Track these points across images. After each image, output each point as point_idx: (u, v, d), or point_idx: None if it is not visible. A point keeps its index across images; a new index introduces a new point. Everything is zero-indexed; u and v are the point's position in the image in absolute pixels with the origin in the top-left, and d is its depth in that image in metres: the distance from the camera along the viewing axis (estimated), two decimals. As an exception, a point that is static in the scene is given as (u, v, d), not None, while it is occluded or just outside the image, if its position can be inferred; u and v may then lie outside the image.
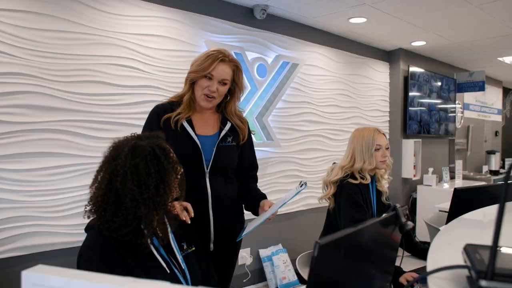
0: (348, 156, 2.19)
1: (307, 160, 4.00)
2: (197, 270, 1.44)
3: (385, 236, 0.98)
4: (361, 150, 2.14)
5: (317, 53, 4.07)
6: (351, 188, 2.08)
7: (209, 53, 1.72)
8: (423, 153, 5.16)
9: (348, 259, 0.74)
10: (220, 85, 1.73)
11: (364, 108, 4.65)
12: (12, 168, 2.22)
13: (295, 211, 3.87)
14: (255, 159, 1.98)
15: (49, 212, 2.34)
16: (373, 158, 2.13)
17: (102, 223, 1.23)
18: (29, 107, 2.26)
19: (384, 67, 4.94)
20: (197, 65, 1.72)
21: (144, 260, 1.26)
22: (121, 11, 2.64)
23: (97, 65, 2.52)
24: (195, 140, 1.71)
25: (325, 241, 0.63)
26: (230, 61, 1.74)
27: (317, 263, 0.62)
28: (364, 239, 0.82)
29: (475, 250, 0.60)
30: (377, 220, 0.87)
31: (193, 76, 1.73)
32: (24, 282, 0.54)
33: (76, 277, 0.53)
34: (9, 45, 2.19)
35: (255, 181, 1.97)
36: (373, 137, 2.15)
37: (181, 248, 1.43)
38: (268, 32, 3.57)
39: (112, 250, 1.19)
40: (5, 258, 2.21)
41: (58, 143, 2.37)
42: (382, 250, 0.98)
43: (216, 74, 1.70)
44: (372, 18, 3.69)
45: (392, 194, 4.96)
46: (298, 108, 3.89)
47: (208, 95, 1.72)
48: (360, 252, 0.81)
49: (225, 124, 1.81)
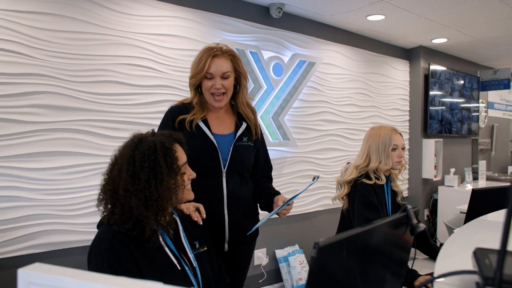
0: (363, 156, 2.15)
1: (324, 160, 3.95)
2: (208, 270, 1.43)
3: (395, 238, 0.95)
4: (377, 149, 2.09)
5: (335, 51, 4.01)
6: (365, 189, 2.04)
7: (201, 53, 1.70)
8: (445, 153, 5.04)
9: (352, 261, 0.71)
10: (223, 80, 1.69)
11: (383, 107, 4.57)
12: (30, 167, 2.26)
13: (312, 211, 3.84)
14: (269, 160, 1.97)
15: (66, 210, 2.37)
16: (389, 158, 2.08)
17: (107, 217, 1.25)
18: (46, 107, 2.30)
19: (403, 66, 4.84)
20: (193, 69, 1.71)
21: (154, 257, 1.26)
22: (136, 12, 2.66)
23: (113, 65, 2.55)
24: (212, 139, 1.70)
25: (325, 242, 0.61)
26: (223, 52, 1.70)
27: (317, 265, 0.60)
28: (371, 241, 0.79)
29: (485, 255, 0.57)
30: (385, 221, 0.84)
31: (193, 81, 1.72)
32: (20, 280, 0.54)
33: (71, 276, 0.53)
34: (26, 46, 2.23)
35: (270, 181, 1.95)
36: (390, 137, 2.10)
37: (193, 246, 1.43)
38: (284, 30, 3.54)
39: (121, 246, 1.20)
40: (23, 256, 2.25)
41: (74, 143, 2.41)
42: (392, 252, 0.94)
43: (214, 70, 1.67)
44: (391, 15, 3.62)
45: (412, 195, 4.87)
46: (315, 108, 3.85)
47: (216, 93, 1.70)
48: (366, 253, 0.78)
49: (241, 124, 1.79)
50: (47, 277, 0.54)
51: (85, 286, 0.52)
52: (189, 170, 1.37)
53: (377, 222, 0.81)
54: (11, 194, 2.21)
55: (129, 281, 0.55)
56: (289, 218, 3.64)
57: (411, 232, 0.96)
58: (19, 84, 2.22)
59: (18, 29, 2.20)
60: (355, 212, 2.05)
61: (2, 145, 2.17)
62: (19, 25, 2.21)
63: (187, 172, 1.36)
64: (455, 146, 5.43)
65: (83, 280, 0.53)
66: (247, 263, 1.93)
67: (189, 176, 1.36)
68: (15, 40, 2.19)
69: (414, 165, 4.88)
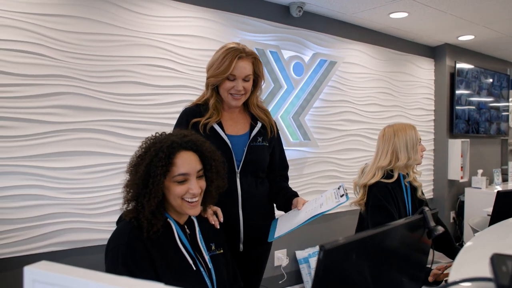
0: (386, 155, 2.07)
1: (346, 160, 3.90)
2: (223, 272, 1.42)
3: (412, 240, 0.91)
4: (406, 146, 2.04)
5: (357, 50, 3.95)
6: (380, 190, 1.99)
7: (225, 53, 1.66)
8: (472, 154, 4.88)
9: (363, 264, 0.69)
10: (245, 82, 1.69)
11: (407, 107, 4.47)
12: (52, 166, 2.31)
13: (333, 212, 3.78)
14: (285, 159, 1.94)
15: (87, 209, 2.42)
16: (418, 153, 2.05)
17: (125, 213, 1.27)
18: (68, 108, 2.35)
19: (428, 64, 4.72)
20: (215, 68, 1.66)
21: (170, 255, 1.26)
22: (156, 13, 2.69)
23: (133, 66, 2.58)
24: (226, 140, 1.69)
25: (331, 245, 0.59)
26: (248, 55, 1.69)
27: (322, 269, 0.57)
28: (384, 243, 0.76)
29: (503, 261, 0.54)
30: (399, 223, 0.80)
31: (214, 80, 1.68)
32: (25, 277, 0.54)
33: (76, 275, 0.53)
34: (49, 48, 2.28)
35: (286, 180, 1.93)
36: (414, 132, 2.09)
37: (209, 248, 1.42)
38: (304, 30, 3.51)
39: (137, 241, 1.21)
40: (46, 253, 2.31)
41: (95, 142, 2.45)
42: (408, 254, 0.91)
43: (238, 73, 1.65)
44: (414, 12, 3.53)
45: (437, 196, 4.74)
46: (336, 107, 3.80)
47: (235, 94, 1.69)
48: (379, 257, 0.75)
49: (256, 124, 1.78)
50: (52, 275, 0.54)
51: (89, 285, 0.52)
52: (191, 184, 1.28)
53: (390, 225, 0.78)
54: (35, 192, 2.27)
55: (133, 281, 0.55)
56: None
57: (428, 235, 0.92)
58: (42, 86, 2.27)
59: (41, 32, 2.26)
60: (371, 216, 2.01)
61: (26, 145, 2.23)
62: (42, 27, 2.26)
63: (186, 185, 1.28)
64: (483, 146, 5.26)
65: (88, 279, 0.53)
66: (263, 263, 1.91)
67: (188, 189, 1.27)
68: (38, 43, 2.25)
69: (439, 166, 4.76)
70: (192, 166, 1.28)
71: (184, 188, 1.27)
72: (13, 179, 2.21)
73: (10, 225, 2.21)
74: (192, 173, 1.28)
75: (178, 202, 1.28)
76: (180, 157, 1.26)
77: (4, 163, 2.18)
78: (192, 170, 1.28)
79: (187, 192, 1.27)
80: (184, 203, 1.29)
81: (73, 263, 2.33)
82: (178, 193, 1.27)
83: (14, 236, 2.22)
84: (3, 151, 2.18)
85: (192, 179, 1.28)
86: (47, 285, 0.54)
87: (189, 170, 1.27)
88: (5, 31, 2.16)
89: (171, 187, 1.26)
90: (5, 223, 2.20)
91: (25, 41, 2.21)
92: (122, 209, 1.30)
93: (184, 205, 1.29)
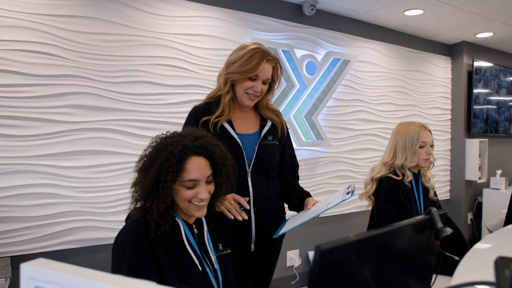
0: (390, 152, 2.07)
1: (360, 160, 3.85)
2: (230, 273, 1.40)
3: (419, 241, 0.89)
4: (404, 146, 2.02)
5: (371, 48, 3.90)
6: (390, 184, 1.97)
7: (251, 53, 1.65)
8: (490, 154, 4.76)
9: (364, 267, 0.66)
10: (263, 84, 1.69)
11: (422, 106, 4.39)
12: (65, 165, 2.34)
13: (347, 213, 3.74)
14: (295, 158, 1.92)
15: (99, 208, 2.44)
16: (415, 156, 2.00)
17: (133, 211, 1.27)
18: (80, 107, 2.38)
19: (445, 62, 4.63)
20: (239, 66, 1.64)
21: (176, 255, 1.26)
22: (168, 12, 2.70)
23: (145, 65, 2.60)
24: (236, 139, 1.68)
25: (328, 246, 0.57)
26: (273, 59, 1.69)
27: (318, 270, 0.55)
28: (387, 244, 0.74)
29: (507, 265, 0.51)
30: (403, 224, 0.78)
31: (236, 76, 1.65)
32: (22, 274, 0.54)
33: (71, 273, 0.53)
34: (62, 48, 2.31)
35: (297, 180, 1.91)
36: (418, 133, 2.02)
37: (217, 248, 1.41)
38: (317, 28, 3.48)
39: (143, 240, 1.21)
40: (60, 250, 2.34)
41: (108, 142, 2.47)
42: (415, 256, 0.88)
43: (262, 74, 1.65)
44: (430, 10, 3.46)
45: (454, 197, 4.65)
46: (350, 107, 3.75)
47: (252, 94, 1.68)
48: (381, 258, 0.73)
49: (266, 122, 1.76)
50: (47, 273, 0.54)
51: (82, 283, 0.52)
52: (200, 189, 1.26)
53: (394, 225, 0.76)
54: (48, 191, 2.30)
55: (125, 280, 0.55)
56: (323, 219, 3.57)
57: (436, 236, 0.89)
58: (55, 86, 2.30)
59: (53, 32, 2.29)
60: (383, 210, 1.97)
61: (39, 144, 2.27)
62: (54, 28, 2.30)
63: (195, 190, 1.26)
64: (502, 146, 5.13)
65: (81, 277, 0.52)
66: (274, 262, 1.89)
67: (197, 194, 1.26)
68: (50, 43, 2.28)
69: (456, 166, 4.66)
70: (202, 173, 1.27)
71: (193, 193, 1.26)
72: (27, 177, 2.24)
73: (24, 223, 2.25)
74: (202, 179, 1.27)
75: (185, 204, 1.28)
76: (191, 162, 1.25)
77: (18, 162, 2.22)
78: (202, 177, 1.27)
79: (195, 196, 1.27)
80: (191, 206, 1.28)
81: (84, 261, 2.36)
82: (186, 197, 1.26)
83: (28, 234, 2.26)
84: (17, 150, 2.21)
85: (202, 185, 1.27)
86: (42, 283, 0.54)
87: (199, 176, 1.26)
88: (18, 32, 2.20)
89: (179, 191, 1.26)
90: (19, 221, 2.24)
91: (38, 42, 2.25)
92: (130, 207, 1.30)
93: (191, 207, 1.28)
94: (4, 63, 2.17)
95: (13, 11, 2.19)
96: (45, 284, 0.53)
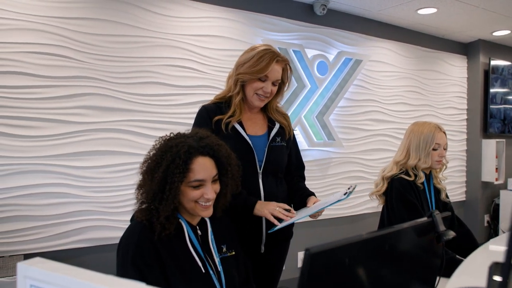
0: (403, 151, 2.04)
1: (373, 161, 3.80)
2: (234, 275, 1.39)
3: (420, 245, 0.87)
4: (418, 146, 1.99)
5: (383, 48, 3.85)
6: (402, 185, 1.94)
7: (261, 54, 1.65)
8: (508, 155, 4.66)
9: (358, 271, 0.65)
10: (273, 86, 1.69)
11: (437, 106, 4.32)
12: (78, 165, 2.38)
13: (360, 213, 3.71)
14: (301, 159, 1.92)
15: (110, 207, 2.47)
16: (429, 157, 1.97)
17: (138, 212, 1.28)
18: (92, 108, 2.41)
19: (461, 61, 4.54)
20: (249, 67, 1.65)
21: (179, 256, 1.26)
22: (178, 14, 2.71)
23: (155, 66, 2.62)
24: (248, 141, 1.69)
25: (318, 249, 0.56)
26: (283, 60, 1.69)
27: (307, 275, 0.54)
28: (386, 248, 0.73)
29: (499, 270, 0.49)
30: (402, 227, 0.76)
31: (246, 77, 1.66)
32: (18, 273, 0.55)
33: (65, 273, 0.54)
34: (73, 50, 2.35)
35: (303, 181, 1.91)
36: (433, 135, 1.98)
37: (220, 250, 1.41)
38: (329, 28, 3.46)
39: (147, 242, 1.21)
40: (71, 249, 2.37)
41: (118, 142, 2.50)
42: (416, 260, 0.87)
43: (271, 75, 1.66)
44: (443, 8, 3.40)
45: (469, 199, 4.56)
46: (362, 107, 3.72)
47: (262, 95, 1.68)
48: (380, 261, 0.71)
49: (273, 124, 1.77)
50: (41, 272, 0.55)
51: (75, 283, 0.52)
52: (206, 189, 1.27)
53: (394, 227, 0.75)
54: (60, 190, 2.34)
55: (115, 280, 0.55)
56: (336, 220, 3.55)
57: (437, 239, 0.87)
58: (66, 87, 2.34)
59: (65, 34, 2.33)
60: (394, 210, 1.95)
61: (52, 144, 2.31)
62: (66, 30, 2.34)
63: (201, 190, 1.27)
64: (521, 147, 5.01)
65: (74, 278, 0.53)
66: (282, 263, 1.90)
67: (203, 194, 1.27)
68: (62, 45, 2.32)
69: (472, 167, 4.56)
70: (208, 173, 1.27)
71: (199, 193, 1.27)
72: (39, 177, 2.29)
73: (37, 221, 2.29)
74: (208, 179, 1.27)
75: (191, 205, 1.28)
76: (196, 162, 1.25)
77: (30, 162, 2.26)
78: (208, 176, 1.27)
79: (202, 196, 1.27)
80: (198, 206, 1.28)
81: (95, 260, 2.39)
82: (193, 197, 1.26)
83: (41, 233, 2.30)
84: (30, 151, 2.26)
85: (208, 184, 1.27)
86: (37, 282, 0.54)
87: (205, 176, 1.26)
88: (30, 34, 2.25)
89: (186, 191, 1.26)
90: (32, 220, 2.28)
91: (50, 44, 2.29)
92: (134, 209, 1.31)
93: (197, 207, 1.28)
94: (17, 65, 2.22)
95: (24, 14, 2.23)
96: (40, 283, 0.54)
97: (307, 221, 2.02)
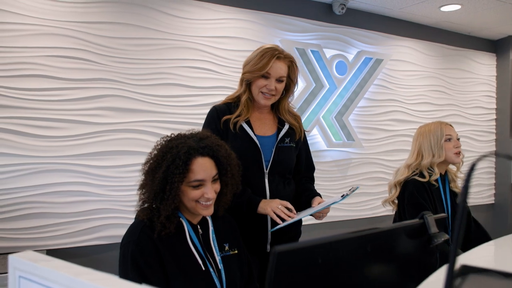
0: (413, 154, 2.03)
1: (394, 162, 3.73)
2: (235, 273, 1.40)
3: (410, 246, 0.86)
4: (429, 144, 1.98)
5: (405, 47, 3.77)
6: (415, 186, 1.91)
7: (263, 51, 1.68)
8: (540, 156, 4.46)
9: (334, 271, 0.66)
10: (278, 83, 1.70)
11: (463, 106, 4.19)
12: (97, 165, 2.46)
13: (379, 215, 3.64)
14: (312, 160, 1.91)
15: (128, 206, 2.53)
16: (443, 150, 1.95)
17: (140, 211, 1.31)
18: (111, 109, 2.49)
19: (489, 59, 4.39)
20: (252, 65, 1.68)
21: (179, 254, 1.28)
22: (196, 16, 2.76)
23: (173, 68, 2.68)
24: (255, 141, 1.70)
25: (285, 248, 0.57)
26: (285, 57, 1.70)
27: (274, 276, 0.55)
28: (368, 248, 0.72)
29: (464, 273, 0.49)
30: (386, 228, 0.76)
31: (249, 76, 1.70)
32: (9, 265, 0.59)
33: (53, 267, 0.56)
34: (95, 53, 2.44)
35: (312, 182, 1.90)
36: (440, 128, 2.00)
37: (222, 248, 1.42)
38: (348, 27, 3.42)
39: (147, 240, 1.24)
40: (91, 246, 2.46)
41: (137, 142, 2.57)
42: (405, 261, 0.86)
43: (273, 72, 1.67)
44: (468, 4, 3.30)
45: (498, 202, 4.41)
46: (383, 107, 3.66)
47: (266, 93, 1.70)
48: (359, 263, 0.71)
49: (283, 125, 1.77)
50: (29, 265, 0.57)
51: (63, 277, 0.54)
52: (206, 189, 1.29)
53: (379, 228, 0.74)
54: (81, 189, 2.43)
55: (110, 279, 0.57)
56: (355, 222, 3.51)
57: (428, 242, 0.85)
58: (87, 89, 2.43)
59: (86, 38, 2.42)
60: (405, 213, 1.92)
61: (73, 144, 2.40)
62: (87, 34, 2.42)
63: (201, 190, 1.29)
64: (555, 148, 4.79)
65: (63, 272, 0.55)
66: None
67: (204, 194, 1.29)
68: (83, 49, 2.41)
69: (501, 168, 4.40)
70: (208, 173, 1.30)
71: (199, 193, 1.29)
72: (62, 176, 2.38)
73: (59, 218, 2.38)
74: (208, 179, 1.30)
75: (192, 204, 1.30)
76: (196, 163, 1.28)
77: (54, 161, 2.36)
78: (208, 176, 1.30)
79: (202, 196, 1.29)
80: (198, 205, 1.31)
81: (113, 257, 2.46)
82: (193, 197, 1.29)
83: (62, 229, 2.39)
84: (53, 150, 2.35)
85: (208, 184, 1.30)
86: (25, 273, 0.57)
87: (205, 176, 1.29)
88: (53, 38, 2.34)
89: (186, 191, 1.28)
90: (55, 217, 2.38)
91: (71, 48, 2.38)
92: (136, 208, 1.34)
93: (198, 206, 1.31)
94: (40, 68, 2.32)
95: (47, 19, 2.33)
96: (27, 274, 0.57)
97: (323, 222, 1.99)
